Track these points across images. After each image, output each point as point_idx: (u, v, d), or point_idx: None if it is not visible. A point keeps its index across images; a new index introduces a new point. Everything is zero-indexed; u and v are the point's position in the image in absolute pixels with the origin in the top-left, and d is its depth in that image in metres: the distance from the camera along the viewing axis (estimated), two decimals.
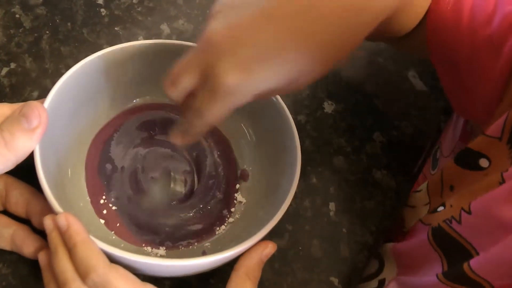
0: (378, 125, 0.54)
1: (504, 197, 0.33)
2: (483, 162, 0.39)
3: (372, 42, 0.62)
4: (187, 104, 0.33)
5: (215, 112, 0.32)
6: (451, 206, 0.41)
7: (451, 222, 0.38)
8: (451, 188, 0.43)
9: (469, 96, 0.43)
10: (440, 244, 0.39)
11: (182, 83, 0.32)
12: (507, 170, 0.35)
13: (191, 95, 0.33)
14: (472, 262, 0.33)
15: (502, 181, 0.35)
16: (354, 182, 0.49)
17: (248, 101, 0.31)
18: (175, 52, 0.42)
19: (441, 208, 0.42)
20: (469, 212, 0.36)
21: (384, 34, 0.44)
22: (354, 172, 0.49)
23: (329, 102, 0.54)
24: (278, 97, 0.41)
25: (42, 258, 0.33)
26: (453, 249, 0.37)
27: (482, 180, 0.38)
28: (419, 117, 0.56)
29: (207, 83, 0.31)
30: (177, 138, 0.36)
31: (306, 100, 0.54)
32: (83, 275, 0.29)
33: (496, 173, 0.36)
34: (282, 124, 0.40)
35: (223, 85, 0.30)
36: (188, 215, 0.41)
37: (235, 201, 0.42)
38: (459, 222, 0.37)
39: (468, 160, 0.40)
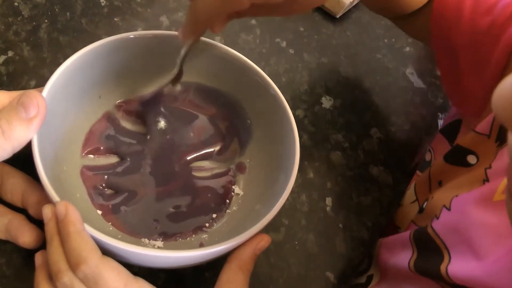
0: (375, 121, 0.54)
1: (477, 198, 0.34)
2: (471, 159, 0.39)
3: (370, 40, 0.62)
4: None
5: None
6: (432, 197, 0.41)
7: (432, 221, 0.38)
8: (440, 183, 0.43)
9: (464, 86, 0.44)
10: (417, 240, 0.40)
11: None
12: (490, 167, 0.36)
13: None
14: (450, 268, 0.34)
15: (486, 178, 0.36)
16: (351, 177, 0.49)
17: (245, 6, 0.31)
18: (175, 43, 0.42)
19: (425, 204, 0.42)
20: (449, 209, 0.37)
21: (392, 9, 0.46)
22: (351, 168, 0.49)
23: (327, 97, 0.54)
24: (278, 91, 0.40)
25: (38, 258, 0.33)
26: (426, 247, 0.38)
27: (467, 174, 0.39)
28: (416, 113, 0.57)
29: None
30: (180, 33, 0.37)
31: (304, 95, 0.54)
32: (73, 266, 0.29)
33: (480, 169, 0.37)
34: (281, 119, 0.40)
35: None
36: (186, 206, 0.41)
37: (232, 193, 0.42)
38: (438, 217, 0.38)
39: (457, 156, 0.40)
